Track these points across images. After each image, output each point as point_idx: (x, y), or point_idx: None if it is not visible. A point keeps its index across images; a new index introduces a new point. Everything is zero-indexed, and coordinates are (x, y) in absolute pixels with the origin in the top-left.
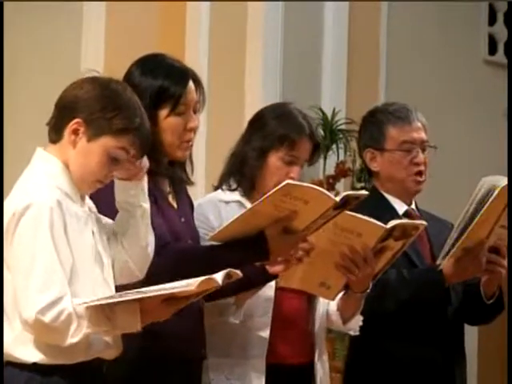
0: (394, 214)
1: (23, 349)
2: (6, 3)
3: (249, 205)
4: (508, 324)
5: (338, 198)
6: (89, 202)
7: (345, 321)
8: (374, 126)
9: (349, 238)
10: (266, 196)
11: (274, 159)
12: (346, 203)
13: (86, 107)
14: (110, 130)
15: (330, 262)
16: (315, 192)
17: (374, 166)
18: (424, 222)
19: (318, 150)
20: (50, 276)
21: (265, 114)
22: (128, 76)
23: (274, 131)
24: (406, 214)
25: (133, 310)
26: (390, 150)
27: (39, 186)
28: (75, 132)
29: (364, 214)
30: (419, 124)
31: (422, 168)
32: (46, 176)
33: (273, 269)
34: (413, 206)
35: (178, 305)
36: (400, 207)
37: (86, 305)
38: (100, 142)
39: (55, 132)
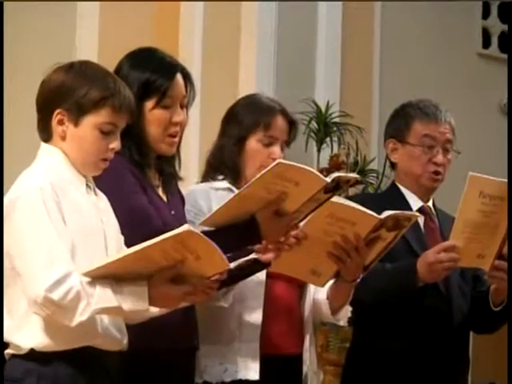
0: (407, 210)
1: (21, 334)
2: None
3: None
4: (508, 324)
5: (328, 179)
6: (102, 195)
7: (334, 311)
8: (401, 118)
9: (343, 228)
10: (256, 177)
11: (253, 143)
12: (337, 186)
13: (60, 95)
14: (89, 107)
15: (323, 250)
16: (306, 172)
17: (394, 158)
18: (417, 214)
19: (295, 127)
20: (53, 253)
21: (235, 106)
22: (118, 69)
23: (246, 118)
24: (421, 211)
25: (140, 288)
26: (412, 144)
27: (32, 174)
28: (61, 123)
29: (377, 207)
30: (446, 124)
31: (439, 169)
32: (46, 168)
33: (264, 256)
34: (429, 204)
35: (187, 288)
36: (415, 203)
37: (86, 271)
38: (86, 123)
39: (44, 131)
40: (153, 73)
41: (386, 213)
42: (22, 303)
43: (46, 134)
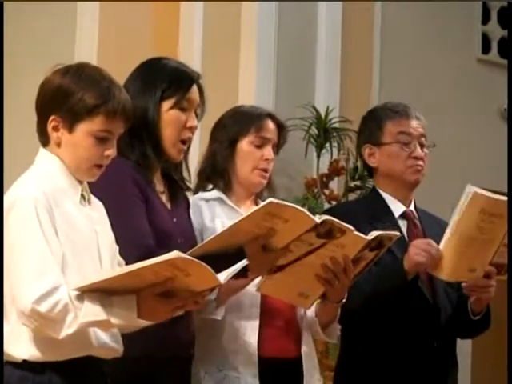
0: (390, 216)
1: (15, 345)
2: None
3: (229, 201)
4: (508, 326)
5: (318, 220)
6: (97, 203)
7: (323, 327)
8: (372, 123)
9: (333, 251)
10: (248, 214)
11: (245, 145)
12: (330, 233)
13: (55, 100)
14: (82, 115)
15: (312, 272)
16: (297, 212)
17: (373, 162)
18: (398, 234)
19: (284, 131)
20: (43, 265)
21: (221, 118)
22: (129, 84)
23: (236, 125)
24: (404, 216)
25: (129, 302)
26: (388, 143)
27: (27, 181)
28: (55, 129)
29: (360, 215)
30: (417, 120)
31: (420, 162)
32: (41, 173)
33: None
34: (411, 208)
35: (176, 302)
36: (398, 209)
37: (78, 287)
38: (80, 129)
39: (42, 135)
40: (172, 79)
41: (374, 233)
42: (14, 310)
43: (43, 138)
